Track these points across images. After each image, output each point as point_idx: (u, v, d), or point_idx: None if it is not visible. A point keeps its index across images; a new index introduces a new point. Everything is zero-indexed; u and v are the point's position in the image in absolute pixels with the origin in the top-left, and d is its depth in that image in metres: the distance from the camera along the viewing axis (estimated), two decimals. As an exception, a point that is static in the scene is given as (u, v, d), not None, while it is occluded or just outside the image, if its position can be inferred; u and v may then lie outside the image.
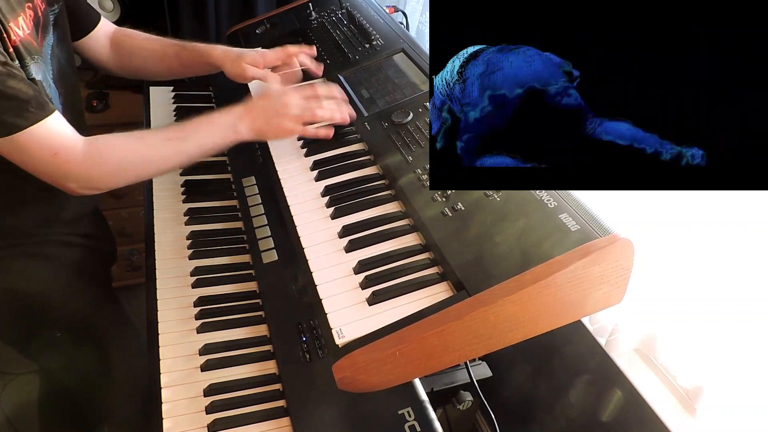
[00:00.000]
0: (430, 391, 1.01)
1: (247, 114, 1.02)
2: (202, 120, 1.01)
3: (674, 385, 1.19)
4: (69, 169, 0.90)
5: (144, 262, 1.14)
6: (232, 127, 1.01)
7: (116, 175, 0.96)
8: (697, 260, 1.11)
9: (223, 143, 1.02)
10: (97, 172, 0.94)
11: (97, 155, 0.93)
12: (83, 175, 0.92)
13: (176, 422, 0.87)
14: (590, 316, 1.26)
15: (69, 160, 0.90)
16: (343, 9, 1.44)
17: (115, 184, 0.97)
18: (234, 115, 1.02)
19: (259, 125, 1.02)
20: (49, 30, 1.03)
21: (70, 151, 0.90)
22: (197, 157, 1.01)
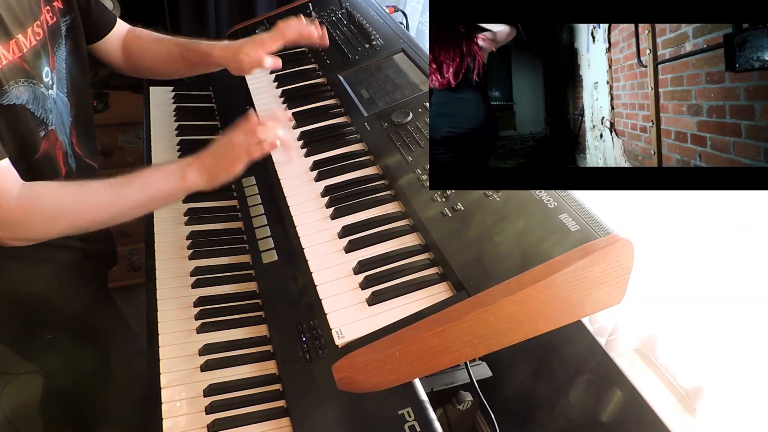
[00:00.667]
0: (430, 391, 1.01)
1: (195, 161, 0.98)
2: (151, 168, 0.98)
3: (674, 385, 1.19)
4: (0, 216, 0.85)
5: (144, 262, 1.14)
6: (179, 172, 0.96)
7: (50, 223, 0.91)
8: (697, 260, 1.11)
9: (171, 191, 0.96)
10: (30, 219, 0.88)
11: (32, 202, 0.88)
12: (14, 222, 0.87)
13: (176, 422, 0.87)
14: (590, 316, 1.26)
15: (1, 204, 0.84)
16: (343, 9, 1.44)
17: (48, 234, 0.92)
18: (183, 162, 0.98)
19: (208, 169, 0.97)
20: (60, 42, 1.02)
21: (4, 197, 0.85)
22: (142, 206, 0.96)
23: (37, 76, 0.95)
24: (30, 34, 0.93)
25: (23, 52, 0.92)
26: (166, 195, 0.97)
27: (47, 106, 0.98)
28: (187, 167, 0.96)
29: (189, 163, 0.97)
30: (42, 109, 0.97)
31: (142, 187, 0.94)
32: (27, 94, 0.92)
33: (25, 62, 0.92)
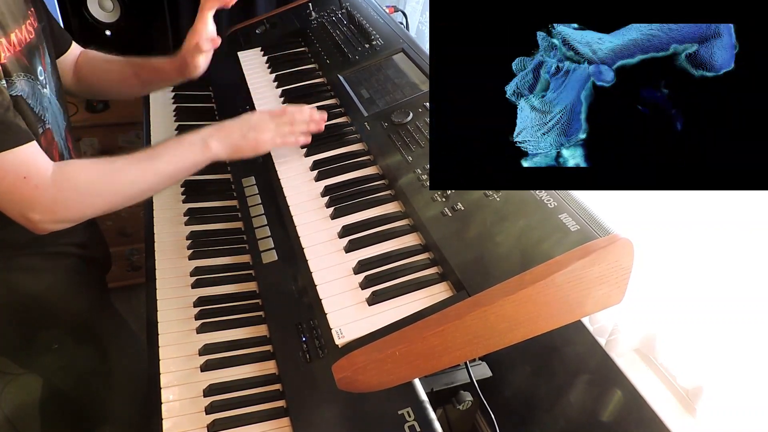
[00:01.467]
0: (430, 391, 1.01)
1: (218, 131, 1.00)
2: (172, 139, 1.00)
3: (674, 385, 1.19)
4: (36, 196, 0.85)
5: (144, 262, 1.14)
6: (202, 143, 0.98)
7: (85, 200, 0.91)
8: (697, 260, 1.11)
9: (196, 161, 0.99)
10: (66, 198, 0.89)
11: (66, 179, 0.88)
12: (50, 202, 0.87)
13: (176, 422, 0.87)
14: (590, 316, 1.26)
15: (38, 185, 0.85)
16: (343, 9, 1.44)
17: (84, 212, 0.93)
18: (205, 132, 1.00)
19: (233, 140, 1.00)
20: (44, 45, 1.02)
21: (41, 176, 0.85)
22: (170, 177, 0.98)
23: (34, 72, 0.95)
24: (24, 31, 0.93)
25: (21, 46, 0.92)
26: (191, 165, 0.99)
27: (44, 104, 0.98)
28: (209, 138, 0.99)
29: (211, 133, 1.00)
30: (40, 106, 0.97)
31: (169, 160, 0.97)
32: (27, 88, 0.92)
33: (23, 56, 0.92)
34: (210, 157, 0.99)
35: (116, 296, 1.35)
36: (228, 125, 1.02)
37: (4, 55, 0.87)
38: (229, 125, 1.02)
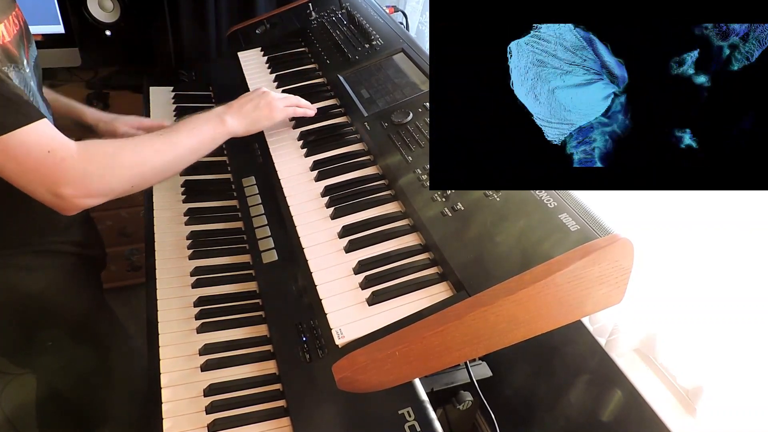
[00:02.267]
0: (430, 391, 1.01)
1: (230, 107, 1.05)
2: (188, 118, 1.03)
3: (674, 385, 1.19)
4: (64, 169, 0.84)
5: (144, 262, 1.14)
6: (218, 117, 1.02)
7: (113, 173, 0.91)
8: (697, 260, 1.11)
9: (214, 135, 1.02)
10: (93, 171, 0.88)
11: (92, 152, 0.88)
12: (79, 175, 0.86)
13: (176, 422, 0.87)
14: (590, 316, 1.26)
15: (64, 158, 0.84)
16: (343, 9, 1.44)
17: (112, 186, 0.91)
18: (218, 110, 1.05)
19: (246, 112, 1.05)
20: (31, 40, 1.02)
21: (65, 149, 0.85)
22: (192, 151, 1.00)
23: (21, 63, 0.95)
24: (10, 23, 0.94)
25: (11, 37, 0.92)
26: (210, 139, 1.02)
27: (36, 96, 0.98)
28: (223, 114, 1.03)
29: (224, 110, 1.04)
30: (34, 98, 0.96)
31: (189, 132, 1.00)
32: (17, 79, 0.92)
33: (13, 47, 0.92)
34: (227, 132, 1.03)
35: (116, 296, 1.35)
36: (238, 101, 1.07)
37: None
38: (239, 101, 1.07)
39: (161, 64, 2.05)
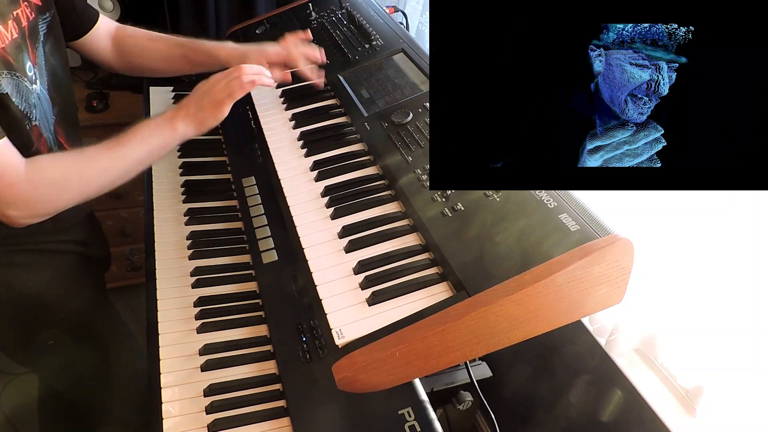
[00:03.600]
0: (430, 391, 1.01)
1: (179, 108, 1.02)
2: (138, 125, 1.01)
3: (674, 385, 1.19)
4: (11, 194, 0.87)
5: (144, 262, 1.14)
6: (168, 123, 1.00)
7: (59, 193, 0.93)
8: (697, 260, 1.11)
9: (165, 141, 1.00)
10: (40, 193, 0.90)
11: (39, 175, 0.90)
12: (26, 198, 0.89)
13: (176, 422, 0.87)
14: (590, 316, 1.26)
15: (12, 183, 0.86)
16: (343, 9, 1.44)
17: (59, 205, 0.94)
18: (168, 113, 1.02)
19: (193, 112, 1.01)
20: (40, 39, 1.02)
21: (14, 174, 0.87)
22: (141, 161, 0.99)
23: (20, 69, 0.95)
24: (10, 26, 0.93)
25: (5, 44, 0.91)
26: (162, 146, 1.00)
27: (31, 100, 0.98)
28: (173, 118, 1.00)
29: (174, 113, 1.01)
30: (26, 103, 0.97)
31: (138, 144, 0.98)
32: (10, 85, 0.92)
33: (8, 54, 0.92)
34: (178, 137, 1.01)
35: (116, 296, 1.35)
36: (185, 101, 1.03)
37: None
38: (185, 101, 1.03)
39: (161, 64, 2.05)
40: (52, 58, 1.05)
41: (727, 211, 1.04)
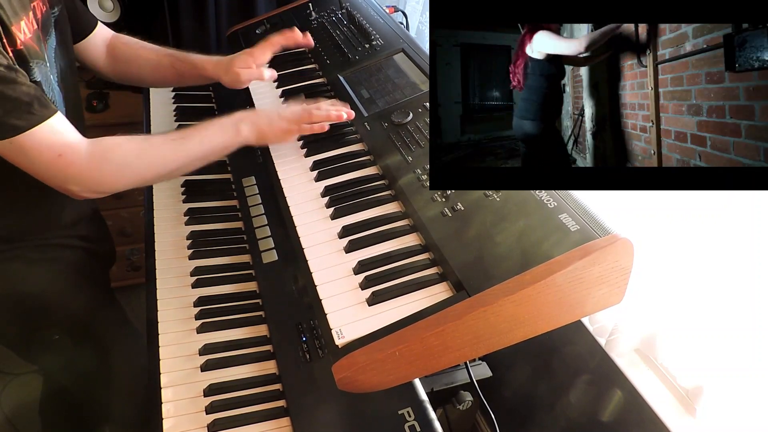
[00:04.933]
0: (430, 391, 1.01)
1: (249, 116, 1.04)
2: (205, 122, 1.02)
3: (674, 385, 1.19)
4: (73, 171, 0.90)
5: (144, 262, 1.14)
6: (234, 127, 1.02)
7: (119, 175, 0.95)
8: (697, 260, 1.11)
9: (226, 144, 1.02)
10: (101, 173, 0.93)
11: (101, 155, 0.92)
12: (87, 177, 0.92)
13: (176, 422, 0.87)
14: (590, 316, 1.26)
15: (74, 161, 0.89)
16: (343, 9, 1.44)
17: (118, 186, 0.97)
18: (237, 117, 1.04)
19: (261, 127, 1.04)
20: (50, 32, 1.02)
21: (75, 153, 0.89)
22: (201, 158, 1.01)
23: (43, 58, 0.97)
24: (32, 18, 0.95)
25: (32, 34, 0.93)
26: (222, 147, 1.03)
27: (54, 89, 1.00)
28: (240, 122, 1.03)
29: (242, 118, 1.04)
30: (51, 92, 0.98)
31: (201, 140, 1.00)
32: (41, 75, 0.94)
33: (34, 43, 0.94)
34: (240, 141, 1.03)
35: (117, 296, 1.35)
36: (259, 112, 1.07)
37: (19, 42, 0.89)
38: (260, 112, 1.07)
39: (161, 64, 2.05)
40: (60, 53, 1.06)
41: (727, 211, 1.04)
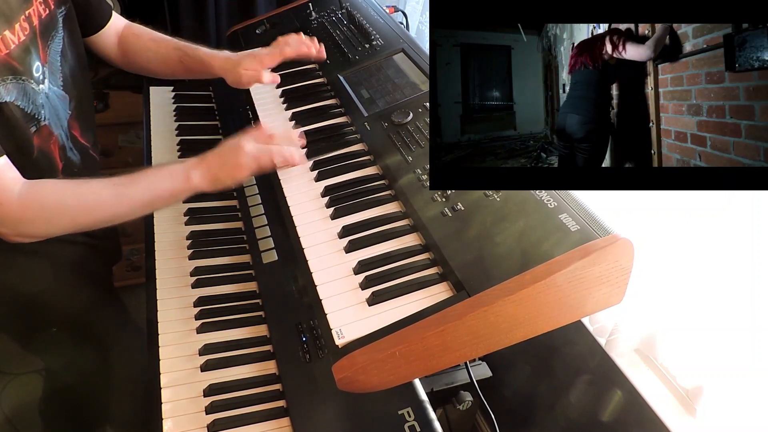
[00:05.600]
0: (430, 391, 1.01)
1: (200, 162, 0.97)
2: (154, 167, 0.99)
3: (674, 385, 1.19)
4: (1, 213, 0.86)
5: (144, 262, 1.14)
6: (183, 174, 0.95)
7: (52, 221, 0.92)
8: (697, 260, 1.11)
9: (174, 192, 0.96)
10: (32, 218, 0.89)
11: (33, 199, 0.89)
12: (15, 220, 0.88)
13: (176, 422, 0.87)
14: (590, 316, 1.26)
15: (2, 202, 0.85)
16: (343, 9, 1.44)
17: (50, 231, 0.94)
18: (188, 164, 0.97)
19: (213, 171, 0.96)
20: (56, 34, 1.02)
21: (6, 193, 0.86)
22: (145, 205, 0.97)
23: (27, 72, 0.95)
24: (18, 29, 0.93)
25: (10, 50, 0.91)
26: (169, 195, 0.96)
27: (38, 101, 0.98)
28: (191, 168, 0.96)
29: (193, 164, 0.97)
30: (33, 105, 0.96)
31: (146, 187, 0.94)
32: (15, 91, 0.92)
33: (12, 59, 0.92)
34: (190, 188, 0.96)
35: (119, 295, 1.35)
36: (210, 155, 0.98)
37: None
38: (210, 155, 0.98)
39: (161, 64, 2.04)
40: (69, 52, 1.05)
41: (727, 211, 1.04)
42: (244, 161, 0.96)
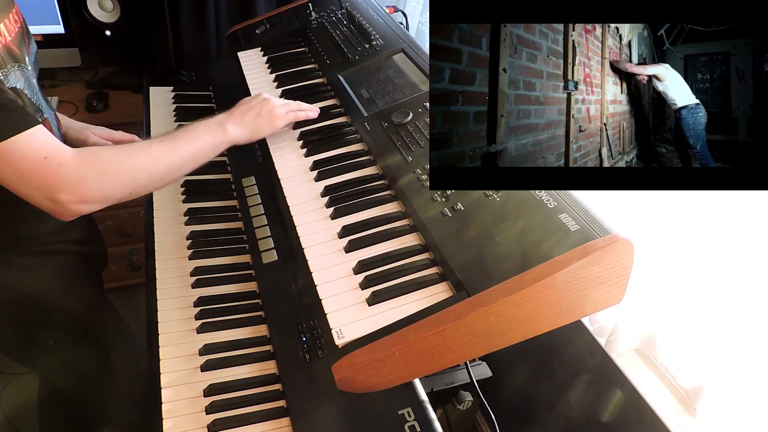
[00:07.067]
0: (430, 391, 1.01)
1: (231, 115, 1.04)
2: (188, 125, 1.01)
3: (674, 385, 1.19)
4: (60, 175, 0.84)
5: (144, 262, 1.14)
6: (220, 125, 1.01)
7: (109, 179, 0.90)
8: (697, 260, 1.11)
9: (215, 144, 1.00)
10: (90, 176, 0.87)
11: (87, 159, 0.88)
12: (75, 180, 0.85)
13: (176, 422, 0.87)
14: (590, 316, 1.26)
15: (60, 163, 0.84)
16: (343, 9, 1.44)
17: (108, 191, 0.91)
18: (220, 117, 1.03)
19: (249, 122, 1.03)
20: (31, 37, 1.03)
21: (61, 155, 0.85)
22: (191, 159, 0.98)
23: (24, 61, 0.96)
24: (11, 21, 0.94)
25: (12, 36, 0.92)
26: (211, 147, 1.00)
27: (37, 92, 0.98)
28: (225, 122, 1.02)
29: (226, 118, 1.03)
30: (36, 96, 0.97)
31: (189, 140, 0.98)
32: (22, 78, 0.93)
33: (14, 46, 0.93)
34: (228, 140, 1.02)
35: (116, 296, 1.35)
36: (239, 108, 1.05)
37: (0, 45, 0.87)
38: (240, 108, 1.05)
39: (161, 64, 2.05)
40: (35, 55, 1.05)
41: (727, 211, 1.04)
42: (277, 111, 1.05)
